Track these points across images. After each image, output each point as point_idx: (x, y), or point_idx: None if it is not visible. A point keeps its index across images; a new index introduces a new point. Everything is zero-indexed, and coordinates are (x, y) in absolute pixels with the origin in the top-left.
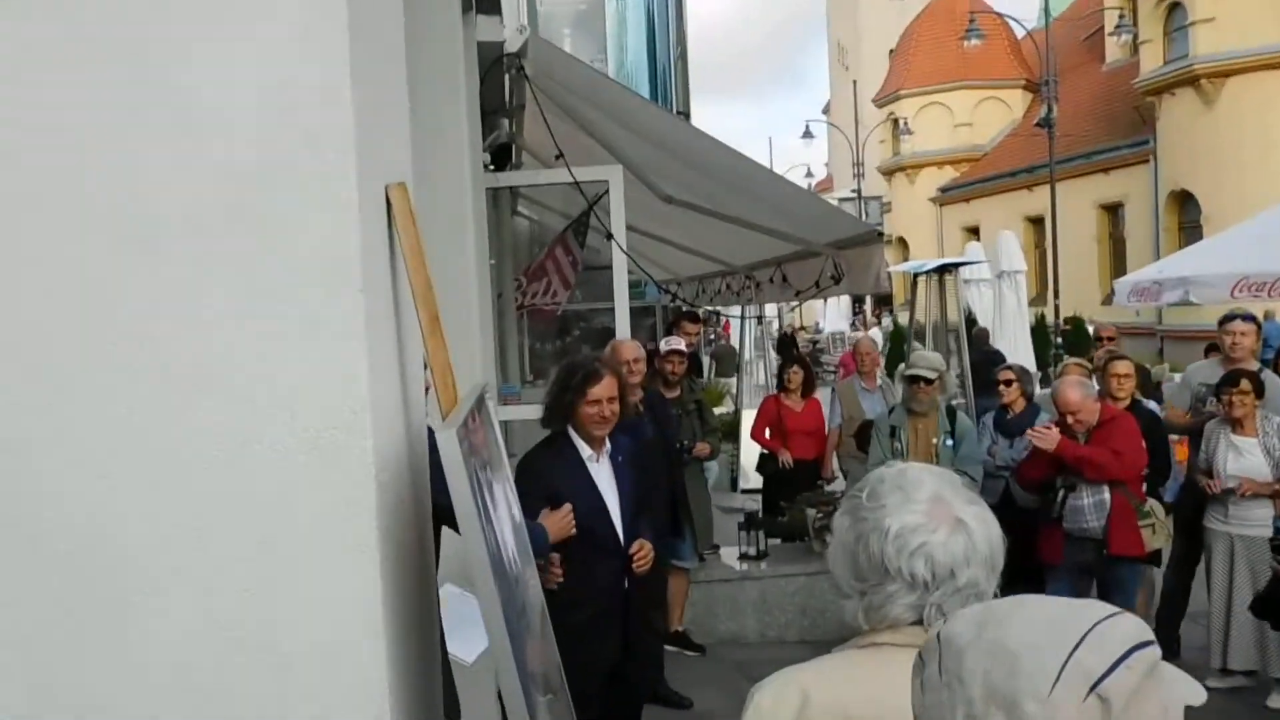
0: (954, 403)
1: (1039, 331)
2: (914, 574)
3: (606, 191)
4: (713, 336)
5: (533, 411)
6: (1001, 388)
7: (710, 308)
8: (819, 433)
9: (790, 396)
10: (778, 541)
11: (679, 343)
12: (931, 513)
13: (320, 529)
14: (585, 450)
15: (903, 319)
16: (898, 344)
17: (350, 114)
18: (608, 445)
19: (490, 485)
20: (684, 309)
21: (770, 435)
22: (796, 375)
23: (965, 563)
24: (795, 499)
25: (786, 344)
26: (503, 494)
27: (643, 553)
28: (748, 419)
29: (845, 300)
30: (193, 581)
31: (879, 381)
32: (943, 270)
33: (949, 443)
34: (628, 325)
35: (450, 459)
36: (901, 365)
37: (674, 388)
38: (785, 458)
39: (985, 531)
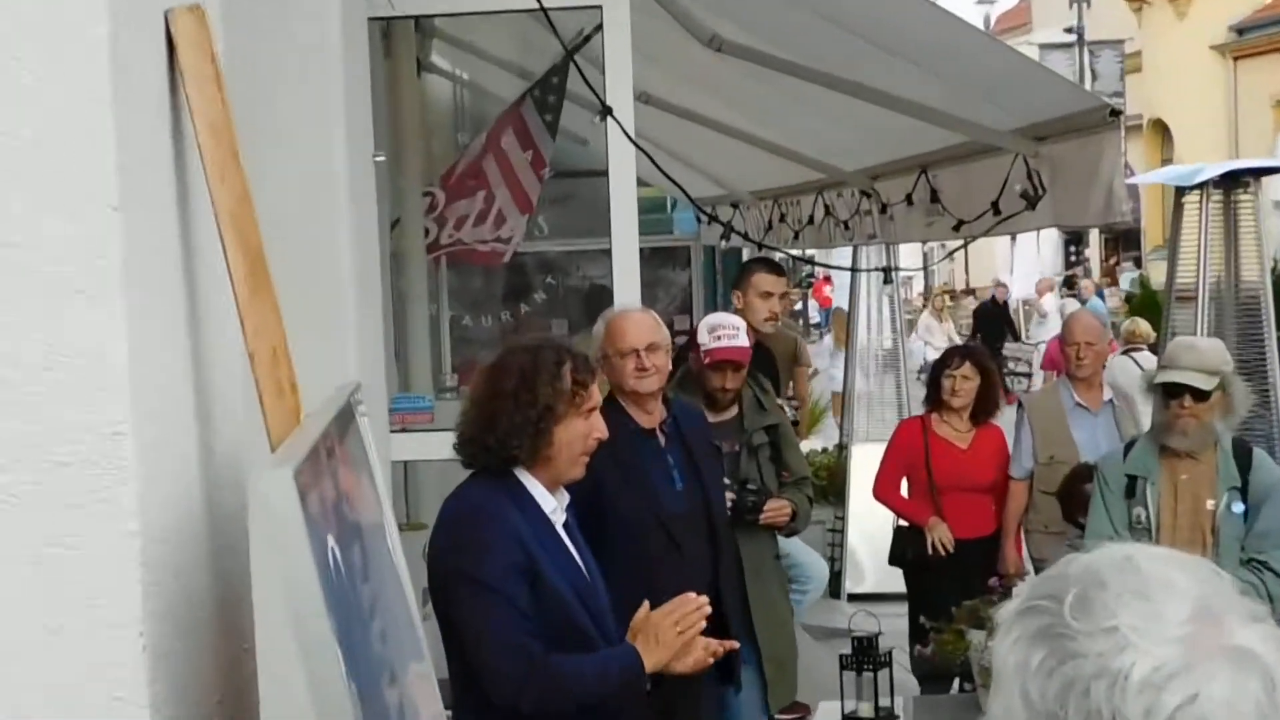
0: (1248, 436)
1: None
2: None
3: (599, 27)
4: (797, 305)
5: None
6: None
7: (794, 252)
8: (1000, 488)
9: (950, 420)
10: (916, 693)
11: (734, 332)
12: (1197, 641)
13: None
14: (548, 502)
15: (1157, 275)
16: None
17: None
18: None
19: (362, 573)
20: (757, 255)
21: (910, 493)
22: (966, 381)
23: None
24: (951, 611)
25: (993, 318)
26: (385, 584)
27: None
28: (864, 462)
29: (1050, 240)
30: None
31: (1107, 394)
32: (1233, 182)
33: (1236, 508)
34: (637, 284)
35: (273, 527)
36: (1146, 367)
37: (723, 406)
38: (940, 536)
39: None
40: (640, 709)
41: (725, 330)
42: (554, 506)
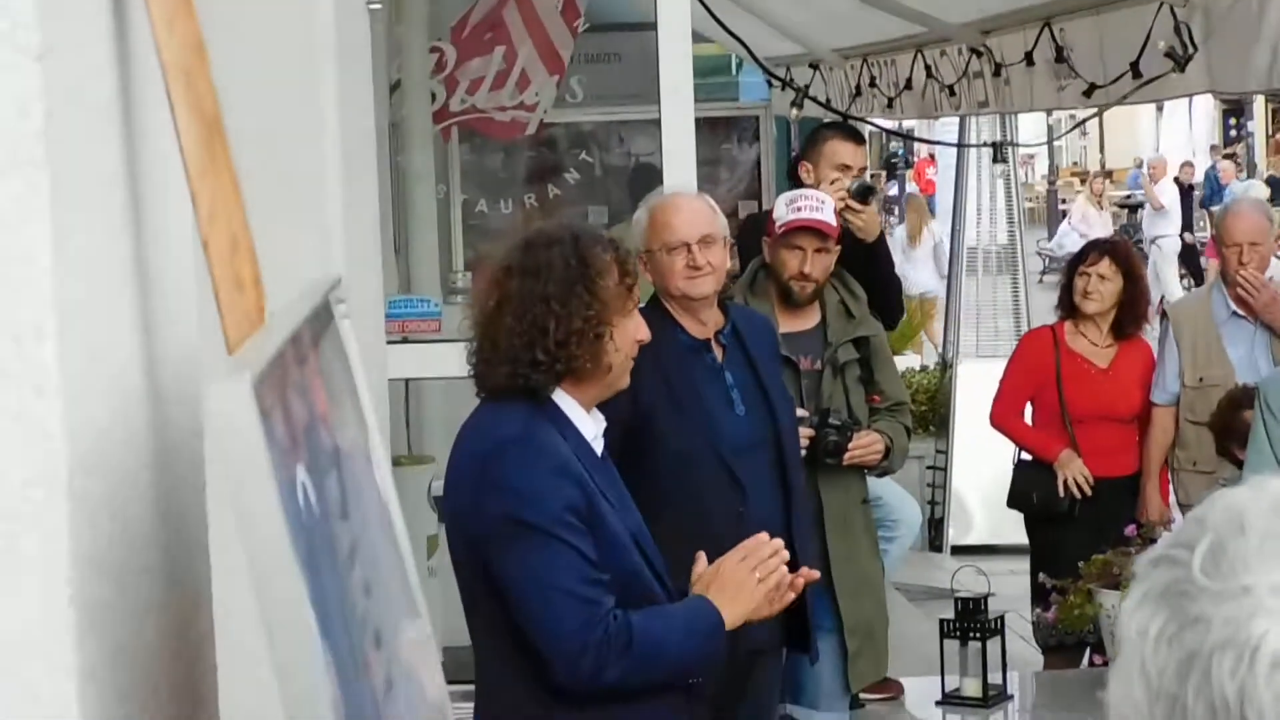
0: None
1: None
2: None
3: None
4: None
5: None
6: None
7: (886, 124)
8: (1146, 419)
9: (1087, 331)
10: (1038, 668)
11: (818, 204)
12: None
13: None
14: (588, 427)
15: None
16: None
17: None
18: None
19: (340, 510)
20: (829, 120)
21: (1036, 421)
22: (1104, 282)
23: None
24: (1079, 567)
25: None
26: (370, 525)
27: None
28: (972, 384)
29: (1204, 111)
30: None
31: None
32: None
33: None
34: (692, 162)
35: (228, 450)
36: None
37: (801, 310)
38: (1075, 473)
39: None
40: (717, 677)
41: (808, 201)
42: (595, 433)
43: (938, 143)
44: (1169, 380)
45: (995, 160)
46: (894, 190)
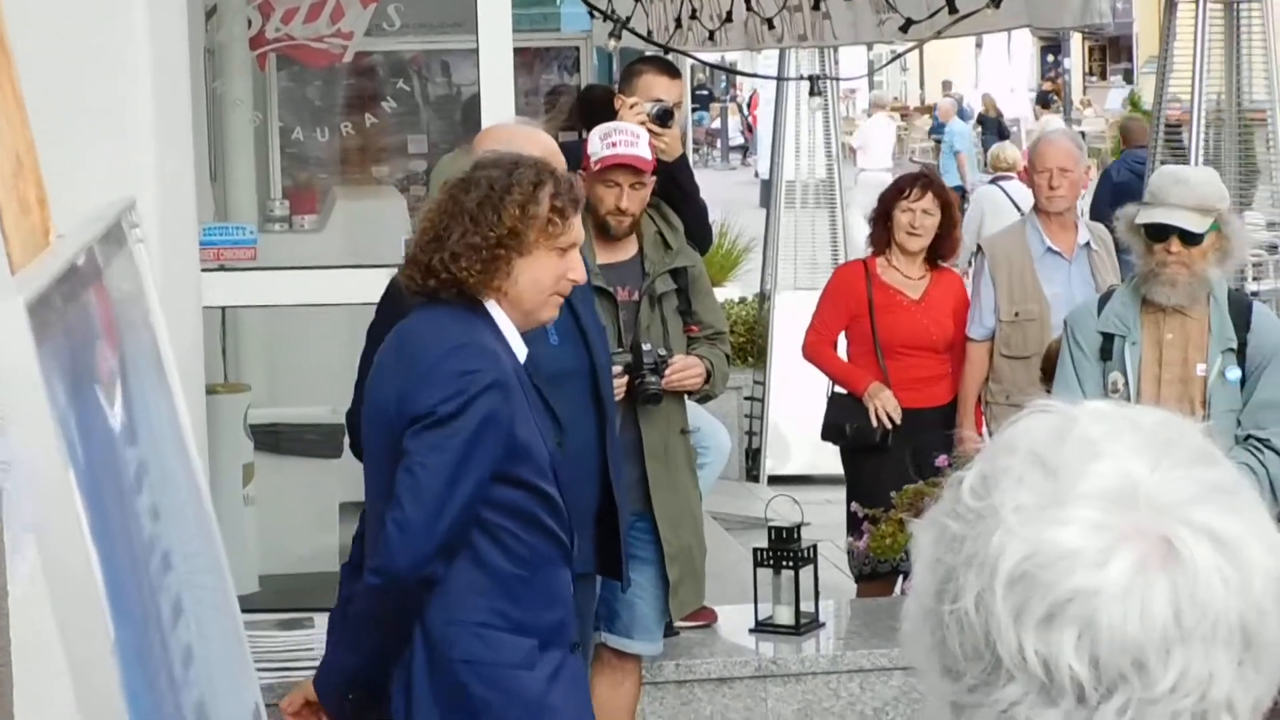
0: (1251, 287)
1: None
2: (1053, 664)
3: None
4: (714, 124)
5: (299, 285)
6: None
7: (706, 56)
8: (960, 348)
9: (899, 264)
10: (853, 595)
11: (633, 138)
12: (1107, 522)
13: None
14: (519, 346)
15: (1147, 92)
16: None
17: None
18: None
19: (127, 435)
20: (648, 54)
21: (850, 354)
22: (927, 217)
23: (1177, 639)
24: (892, 496)
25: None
26: (163, 454)
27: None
28: (790, 316)
29: (1023, 47)
30: None
31: (1083, 236)
32: None
33: (1231, 374)
34: (510, 91)
35: (3, 368)
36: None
37: (618, 242)
38: (884, 403)
39: (1239, 574)
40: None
41: (622, 136)
42: (525, 352)
43: (752, 75)
44: (985, 315)
45: (812, 94)
46: (713, 123)
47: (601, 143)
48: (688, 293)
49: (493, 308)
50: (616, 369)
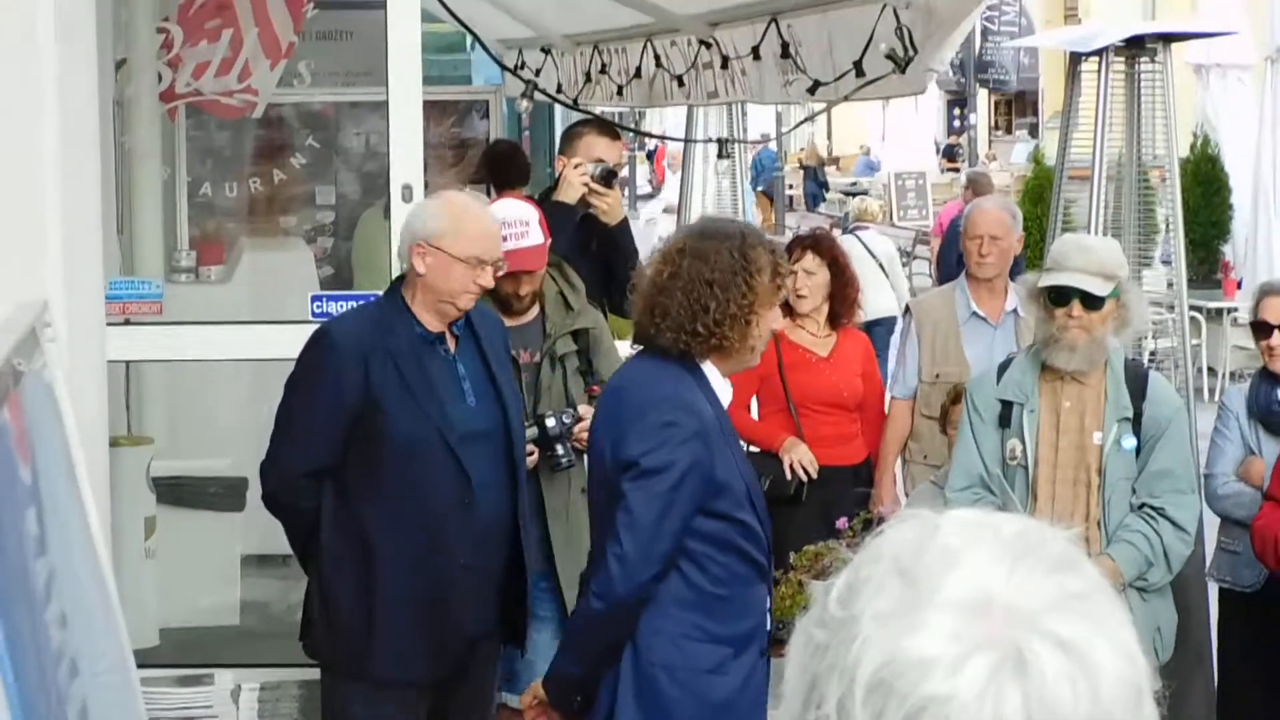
0: (1150, 354)
1: None
2: None
3: None
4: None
5: (205, 340)
6: (1268, 332)
7: (615, 110)
8: (870, 406)
9: (805, 324)
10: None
11: (523, 229)
12: (962, 630)
13: None
14: (725, 393)
15: (1051, 146)
16: (1037, 202)
17: None
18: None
19: (38, 545)
20: (588, 116)
21: (762, 414)
22: (810, 276)
23: None
24: (791, 557)
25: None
26: (72, 555)
27: None
28: None
29: (931, 102)
30: None
31: (1011, 302)
32: (1139, 48)
33: (1127, 443)
34: (419, 147)
35: None
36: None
37: (520, 311)
38: (799, 457)
39: (1088, 680)
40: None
41: (512, 229)
42: (727, 398)
43: (662, 137)
44: (909, 374)
45: (720, 156)
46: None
47: (508, 215)
48: (589, 353)
49: (706, 365)
50: (527, 447)
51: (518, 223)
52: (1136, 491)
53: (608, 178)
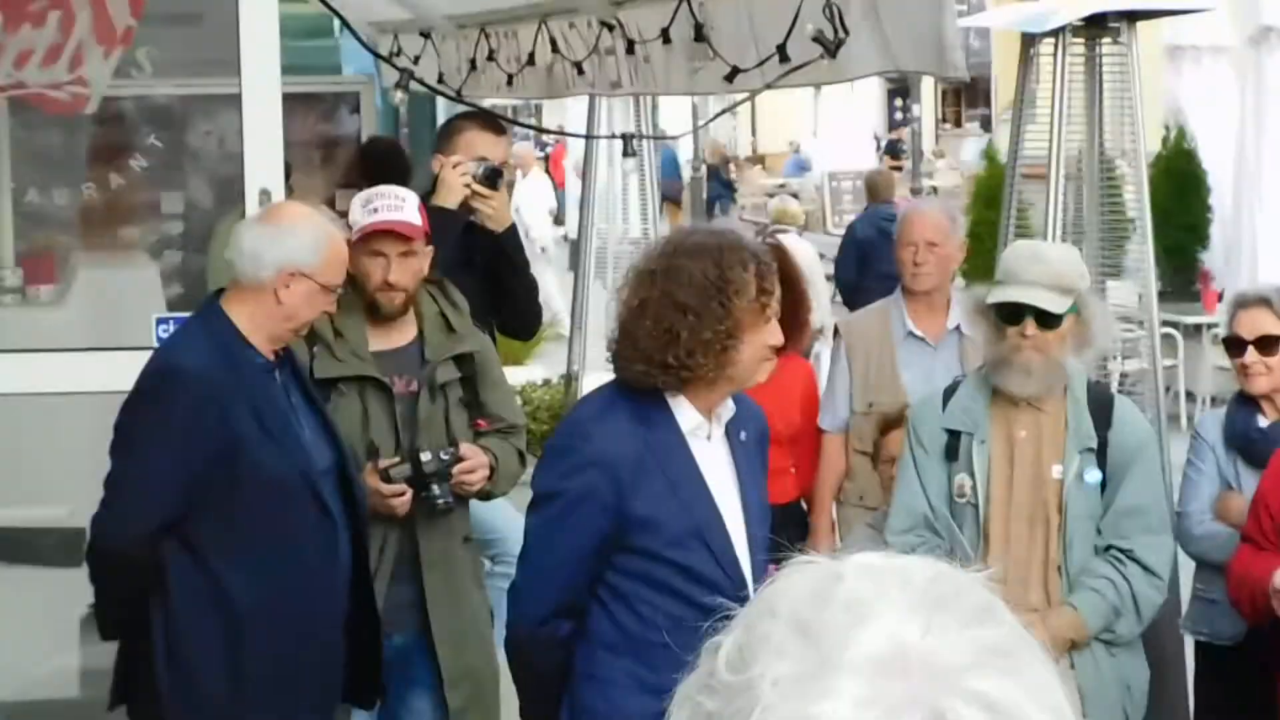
0: (1120, 376)
1: None
2: None
3: None
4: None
5: (36, 370)
6: (1242, 348)
7: (503, 102)
8: (807, 440)
9: None
10: None
11: (399, 202)
12: (875, 694)
13: None
14: (687, 423)
15: (1005, 141)
16: (990, 204)
17: None
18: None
19: None
20: (467, 111)
21: None
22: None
23: None
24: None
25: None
26: None
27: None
28: None
29: (869, 92)
30: None
31: (953, 320)
32: (1099, 28)
33: (1090, 477)
34: (279, 142)
35: None
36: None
37: (394, 325)
38: None
39: None
40: None
41: (385, 200)
42: (696, 424)
43: (559, 133)
44: (839, 404)
45: (626, 154)
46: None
47: (363, 209)
48: (474, 381)
49: (678, 399)
50: (398, 487)
51: (392, 195)
52: (1102, 532)
53: (492, 177)
